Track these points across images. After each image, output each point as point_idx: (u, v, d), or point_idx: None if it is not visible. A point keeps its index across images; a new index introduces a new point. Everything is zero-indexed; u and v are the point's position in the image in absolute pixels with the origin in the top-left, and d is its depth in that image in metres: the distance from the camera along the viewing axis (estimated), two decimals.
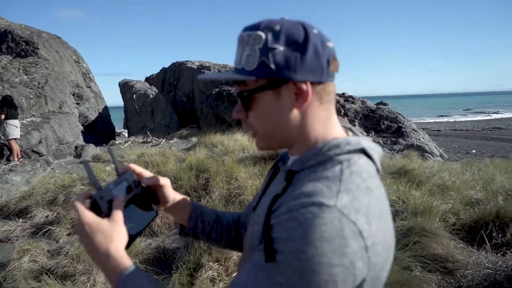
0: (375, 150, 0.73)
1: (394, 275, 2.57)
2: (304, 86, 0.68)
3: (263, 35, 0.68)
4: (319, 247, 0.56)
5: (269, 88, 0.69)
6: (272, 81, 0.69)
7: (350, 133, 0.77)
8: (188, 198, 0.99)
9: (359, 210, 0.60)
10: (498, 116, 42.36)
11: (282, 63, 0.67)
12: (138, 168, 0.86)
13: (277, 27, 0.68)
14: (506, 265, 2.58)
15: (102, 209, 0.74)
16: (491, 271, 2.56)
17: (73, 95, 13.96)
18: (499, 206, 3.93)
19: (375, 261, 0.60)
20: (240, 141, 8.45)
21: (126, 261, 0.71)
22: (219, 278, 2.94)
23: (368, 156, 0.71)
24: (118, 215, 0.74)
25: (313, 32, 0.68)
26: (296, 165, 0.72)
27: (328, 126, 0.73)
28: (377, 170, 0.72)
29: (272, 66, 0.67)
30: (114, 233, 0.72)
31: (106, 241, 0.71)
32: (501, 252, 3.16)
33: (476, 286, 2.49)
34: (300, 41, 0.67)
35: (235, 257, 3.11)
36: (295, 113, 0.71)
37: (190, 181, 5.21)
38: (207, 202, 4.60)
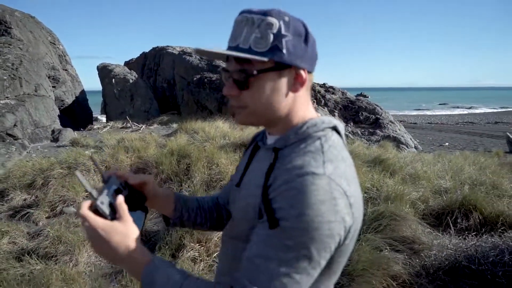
0: (342, 127, 0.87)
1: (365, 255, 2.75)
2: (303, 73, 0.79)
3: (276, 22, 0.75)
4: (316, 209, 0.68)
5: (275, 70, 0.77)
6: (279, 64, 0.77)
7: (319, 113, 0.89)
8: (170, 190, 1.04)
9: (341, 175, 0.73)
10: (472, 111, 43.88)
11: (291, 50, 0.76)
12: (119, 172, 0.88)
13: (286, 18, 0.76)
14: (466, 247, 2.81)
15: (106, 214, 0.77)
16: (452, 252, 2.79)
17: (49, 77, 13.56)
18: (465, 195, 4.20)
19: (356, 215, 0.75)
20: (221, 128, 8.51)
21: (148, 254, 0.77)
22: (200, 258, 3.05)
23: (338, 132, 0.84)
24: (126, 214, 0.78)
25: (309, 29, 0.80)
26: (280, 142, 0.82)
27: (307, 108, 0.85)
28: (344, 143, 0.86)
29: (284, 51, 0.76)
30: (129, 231, 0.76)
31: (124, 240, 0.75)
32: (463, 236, 3.41)
33: (438, 265, 2.71)
34: (303, 34, 0.78)
35: (215, 238, 3.22)
36: (290, 96, 0.81)
37: (172, 166, 5.26)
38: (188, 186, 4.68)
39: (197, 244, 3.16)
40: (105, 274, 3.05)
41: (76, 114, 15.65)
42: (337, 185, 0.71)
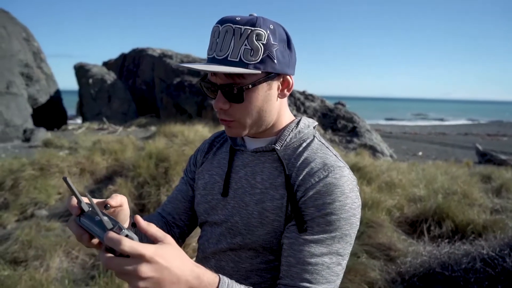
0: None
1: None
2: (290, 79, 0.81)
3: (264, 32, 0.74)
4: (351, 197, 0.77)
5: (267, 80, 0.77)
6: (270, 74, 0.76)
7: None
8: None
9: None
10: (443, 123, 45.39)
11: (281, 59, 0.76)
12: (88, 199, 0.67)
13: (271, 26, 0.76)
14: (440, 254, 2.90)
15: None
16: (426, 259, 2.86)
17: (22, 75, 13.08)
18: (438, 203, 4.33)
19: None
20: (201, 132, 8.44)
21: (213, 273, 0.65)
22: None
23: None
24: (167, 237, 0.61)
25: (289, 33, 0.80)
26: (279, 144, 0.84)
27: (288, 109, 0.89)
28: None
29: (275, 61, 0.76)
30: (181, 252, 0.62)
31: (186, 262, 0.61)
32: (437, 243, 3.51)
33: (413, 271, 2.77)
34: (286, 40, 0.78)
35: (194, 244, 3.17)
36: (278, 102, 0.83)
37: (149, 170, 5.16)
38: (166, 190, 4.61)
39: None
40: (77, 280, 2.94)
41: (50, 114, 15.12)
42: (351, 172, 0.81)
